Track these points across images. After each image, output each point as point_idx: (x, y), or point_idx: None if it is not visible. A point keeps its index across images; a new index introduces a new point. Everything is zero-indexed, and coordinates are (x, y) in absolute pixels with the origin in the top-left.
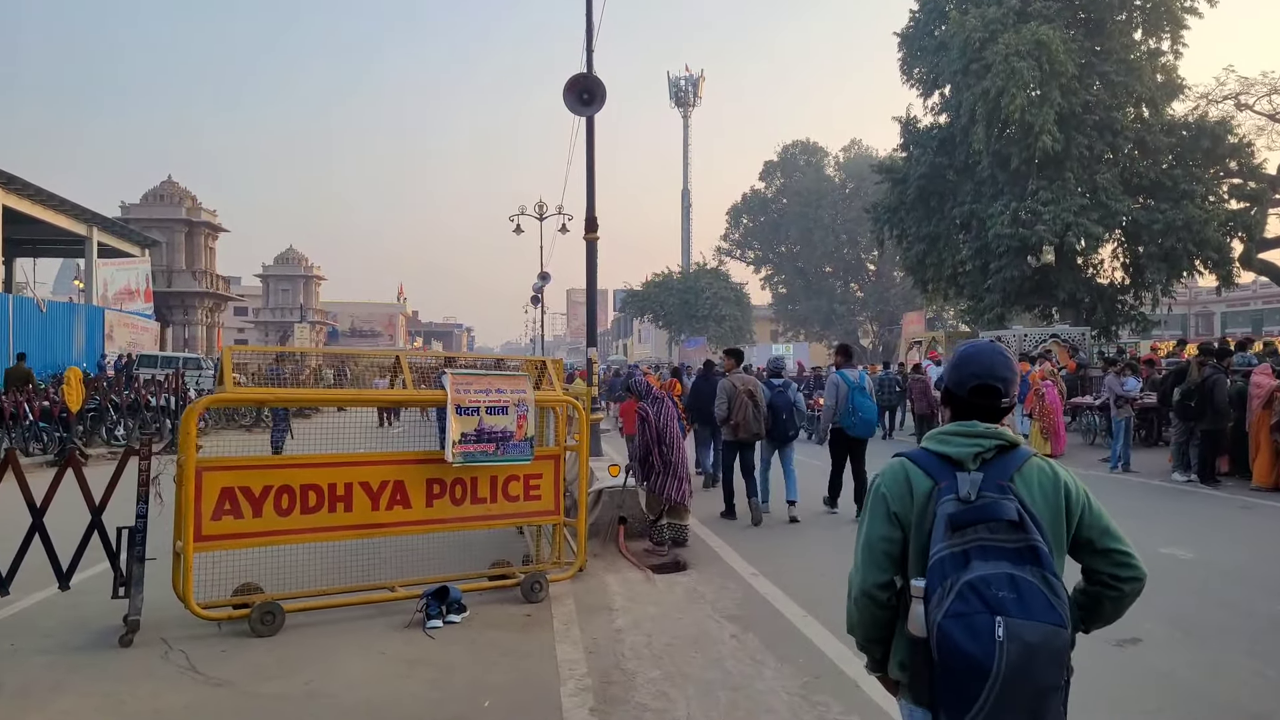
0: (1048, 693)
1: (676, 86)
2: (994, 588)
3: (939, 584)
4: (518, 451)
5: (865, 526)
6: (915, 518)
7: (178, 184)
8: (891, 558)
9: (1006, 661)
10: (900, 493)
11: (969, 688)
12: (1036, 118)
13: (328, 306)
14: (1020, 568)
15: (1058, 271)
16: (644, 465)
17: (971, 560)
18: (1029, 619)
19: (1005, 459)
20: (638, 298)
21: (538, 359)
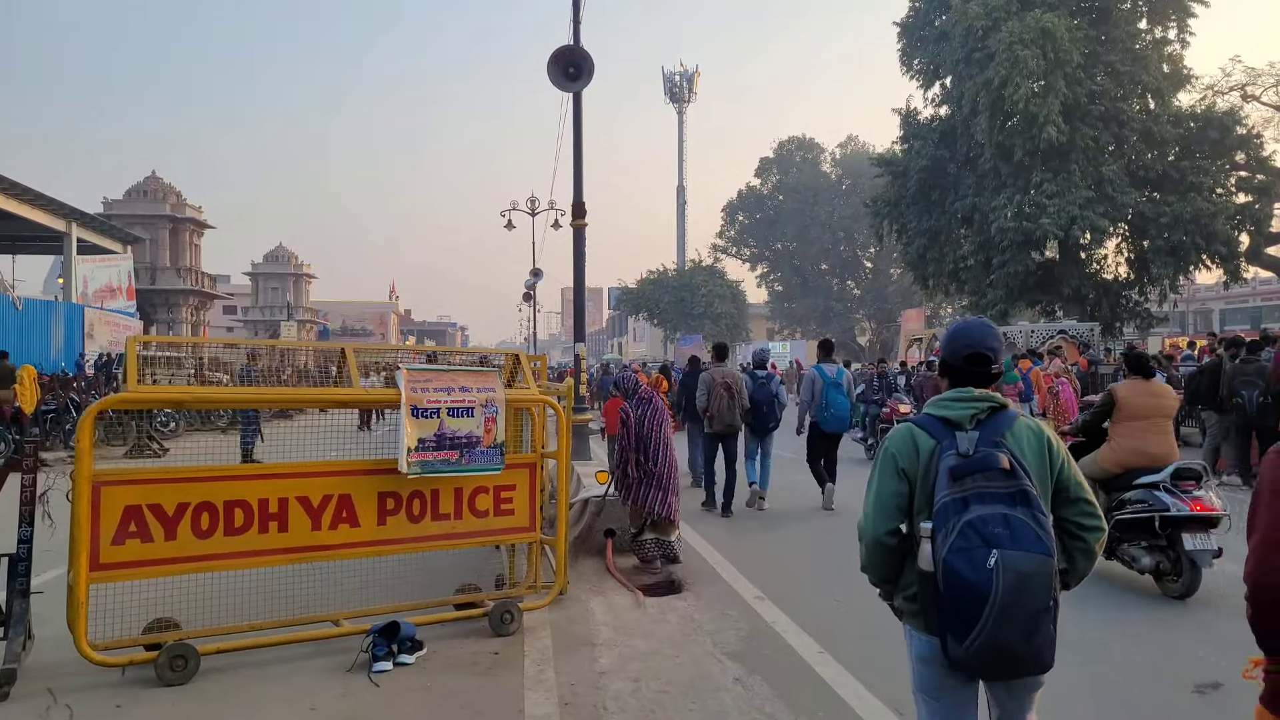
0: (1039, 614)
1: (671, 82)
2: (990, 526)
3: (943, 525)
4: (485, 459)
5: (876, 482)
6: (920, 473)
7: (162, 179)
8: (900, 509)
9: (1002, 587)
10: (907, 452)
11: (971, 611)
12: (1041, 108)
13: (318, 305)
14: (1013, 508)
15: (1062, 266)
16: (622, 474)
17: (970, 504)
18: (1021, 550)
19: (998, 419)
20: (632, 296)
21: (511, 352)
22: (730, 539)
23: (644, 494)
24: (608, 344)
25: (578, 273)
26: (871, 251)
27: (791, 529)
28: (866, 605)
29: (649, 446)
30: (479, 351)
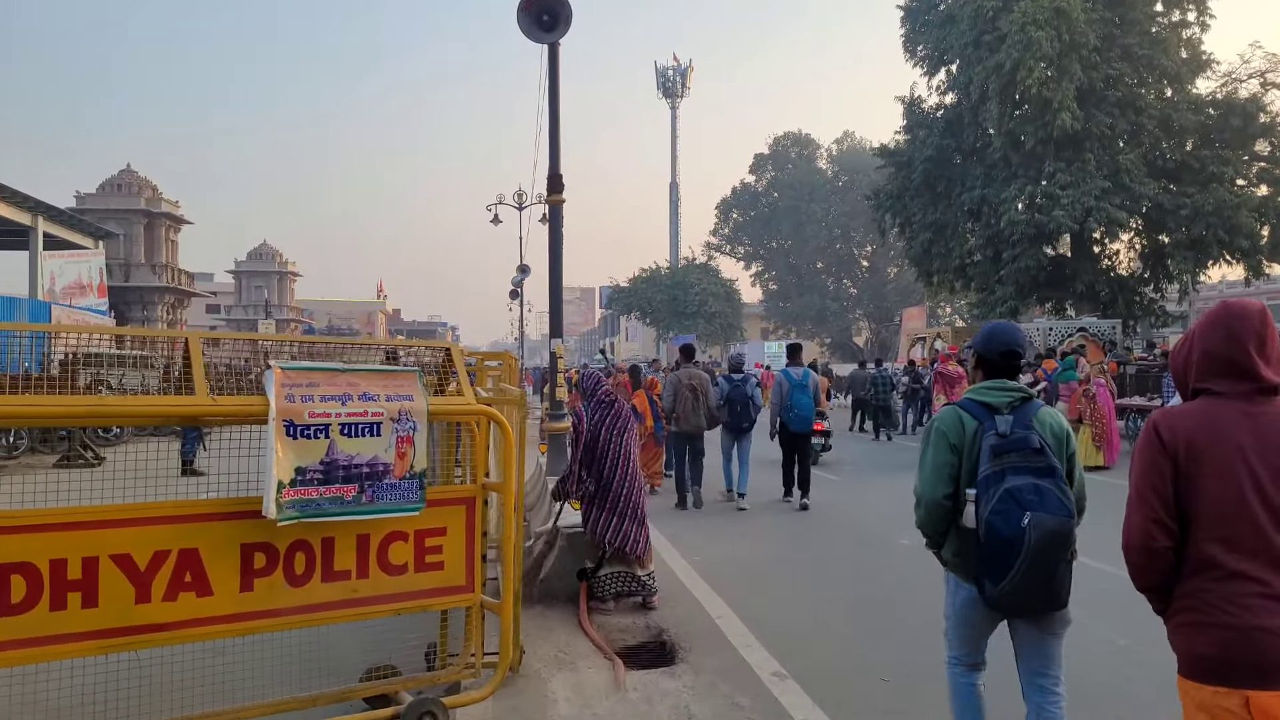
0: (1059, 563)
1: (664, 77)
2: (1024, 493)
3: (985, 492)
4: (399, 495)
5: (931, 455)
6: (966, 447)
7: (137, 173)
8: (952, 477)
9: (1032, 541)
10: (956, 429)
11: (1007, 560)
12: (1055, 93)
13: (304, 304)
14: (1041, 479)
15: (1075, 261)
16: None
17: (1007, 475)
18: (1048, 513)
19: (1027, 406)
20: (624, 294)
21: (442, 343)
22: (732, 572)
23: (597, 519)
24: (600, 344)
25: (553, 257)
26: (869, 250)
27: (802, 555)
28: (929, 689)
29: (603, 461)
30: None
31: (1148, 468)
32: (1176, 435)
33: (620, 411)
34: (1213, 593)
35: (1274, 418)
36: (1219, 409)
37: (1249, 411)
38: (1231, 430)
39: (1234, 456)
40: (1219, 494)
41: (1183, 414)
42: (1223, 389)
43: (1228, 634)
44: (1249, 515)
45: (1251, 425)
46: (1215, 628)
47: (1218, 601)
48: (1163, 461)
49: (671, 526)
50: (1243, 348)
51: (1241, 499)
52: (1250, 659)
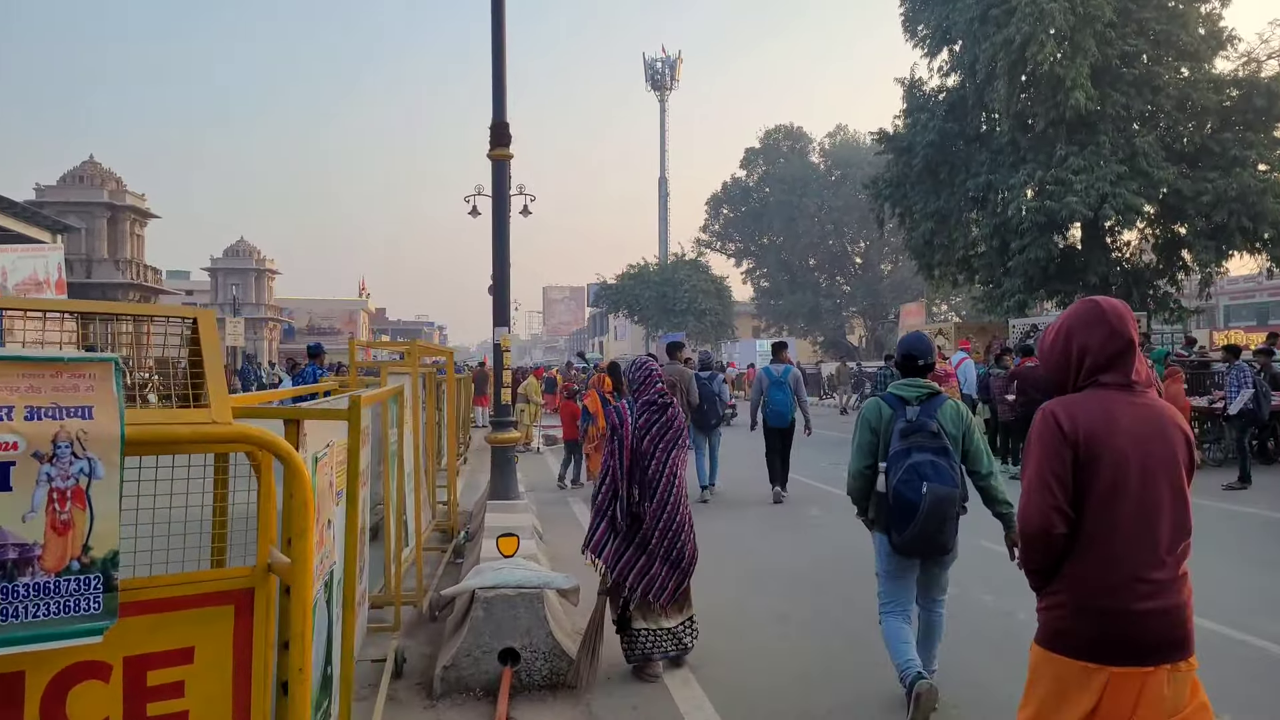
0: (947, 519)
1: (653, 69)
2: (923, 467)
3: (893, 465)
4: (53, 606)
5: (857, 435)
6: (883, 429)
7: (99, 164)
8: (872, 452)
9: (928, 503)
10: (876, 415)
11: (909, 517)
12: (1068, 70)
13: (283, 302)
14: (938, 457)
15: (1087, 252)
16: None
17: (911, 453)
18: (940, 483)
19: (933, 400)
20: (611, 291)
21: (186, 310)
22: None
23: (626, 560)
24: (589, 343)
25: (498, 226)
26: (862, 246)
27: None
28: None
29: (646, 479)
30: (100, 309)
31: (1049, 455)
32: (1077, 424)
33: (674, 420)
34: (1097, 575)
35: (1152, 409)
36: (1111, 400)
37: (1132, 403)
38: (1123, 421)
39: (1125, 446)
40: (1110, 481)
41: (1079, 404)
42: (1109, 381)
43: (1104, 615)
44: (1137, 501)
45: (1136, 416)
46: (1094, 609)
47: (1096, 583)
48: (1064, 450)
49: None
50: (1125, 344)
51: (1127, 486)
52: (1124, 639)
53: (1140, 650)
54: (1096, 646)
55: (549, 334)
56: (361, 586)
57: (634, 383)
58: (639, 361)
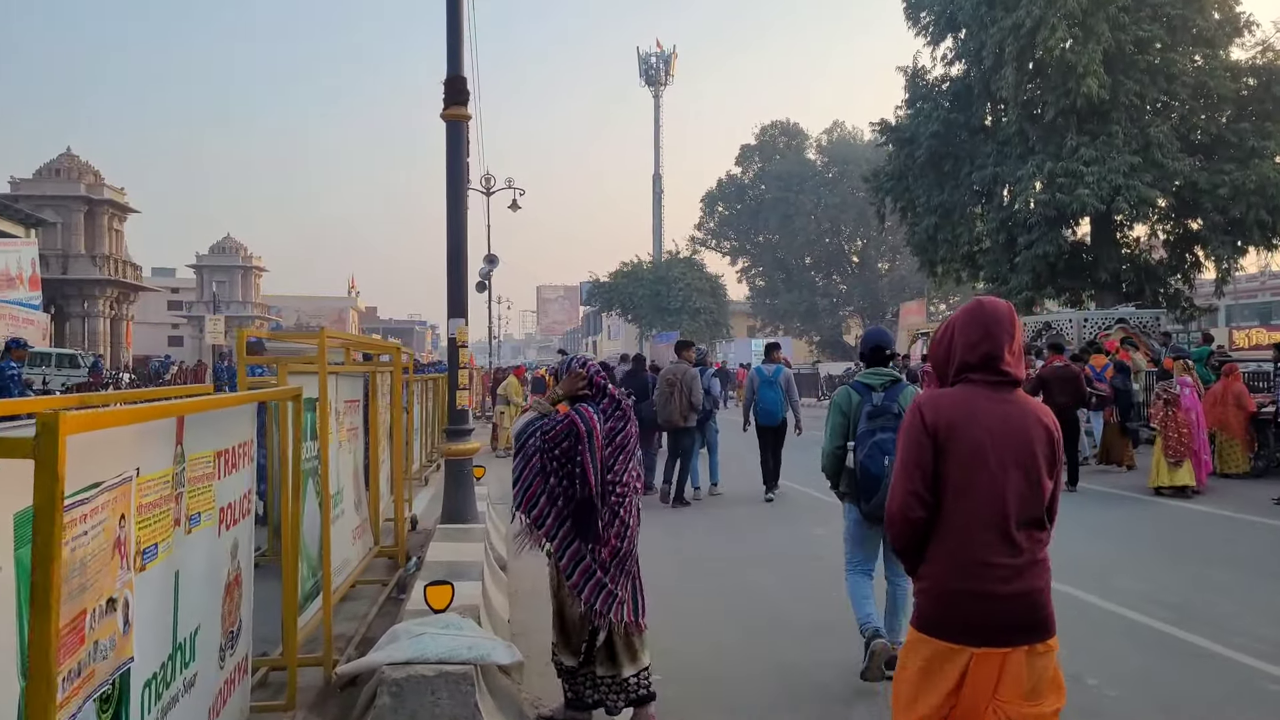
0: None
1: (647, 64)
2: (886, 444)
3: (861, 443)
4: None
5: (830, 419)
6: (852, 413)
7: (77, 157)
8: (843, 433)
9: (890, 474)
10: (846, 401)
11: (873, 487)
12: (1080, 56)
13: (270, 300)
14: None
15: (1097, 246)
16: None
17: (876, 432)
18: None
19: (895, 387)
20: (604, 290)
21: None
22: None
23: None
24: (582, 343)
25: (452, 198)
26: (860, 244)
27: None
28: None
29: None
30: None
31: (911, 445)
32: (938, 417)
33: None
34: (954, 559)
35: (1016, 405)
36: (974, 395)
37: (996, 399)
38: (982, 415)
39: (983, 438)
40: (967, 470)
41: (944, 398)
42: (977, 378)
43: (962, 597)
44: (990, 490)
45: (998, 411)
46: (953, 591)
47: (956, 567)
48: (925, 440)
49: None
50: (998, 343)
51: (985, 475)
52: (980, 620)
53: (998, 632)
54: (956, 628)
55: (543, 333)
56: (235, 656)
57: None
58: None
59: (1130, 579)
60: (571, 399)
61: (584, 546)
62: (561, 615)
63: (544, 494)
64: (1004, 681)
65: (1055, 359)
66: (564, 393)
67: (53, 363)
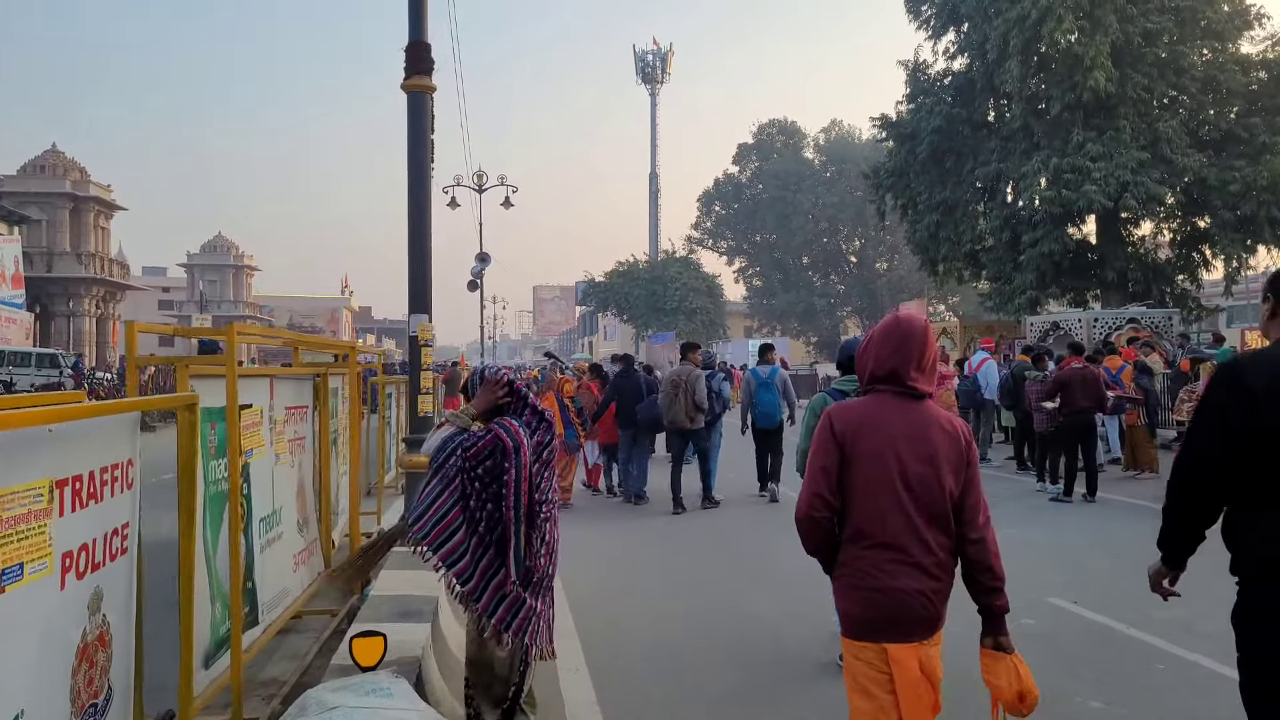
0: None
1: (643, 61)
2: None
3: None
4: None
5: (805, 421)
6: None
7: (63, 154)
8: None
9: None
10: (821, 405)
11: None
12: (1087, 48)
13: (262, 300)
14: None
15: (1104, 245)
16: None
17: None
18: None
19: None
20: (599, 289)
21: None
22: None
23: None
24: (578, 343)
25: (414, 180)
26: (857, 244)
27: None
28: None
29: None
30: None
31: (819, 451)
32: (845, 425)
33: (554, 434)
34: (863, 559)
35: (921, 414)
36: (880, 405)
37: (903, 409)
38: (887, 424)
39: (886, 446)
40: (872, 475)
41: (851, 408)
42: (885, 389)
43: (871, 595)
44: (894, 494)
45: (902, 419)
46: (862, 589)
47: (866, 567)
48: (832, 447)
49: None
50: (905, 359)
51: (889, 480)
52: (887, 615)
53: (904, 626)
54: (868, 625)
55: (539, 334)
56: None
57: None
58: (493, 367)
59: (1163, 604)
60: (491, 411)
61: (507, 577)
62: (484, 658)
63: (463, 524)
64: (925, 672)
65: (1074, 360)
66: (482, 405)
67: (33, 362)
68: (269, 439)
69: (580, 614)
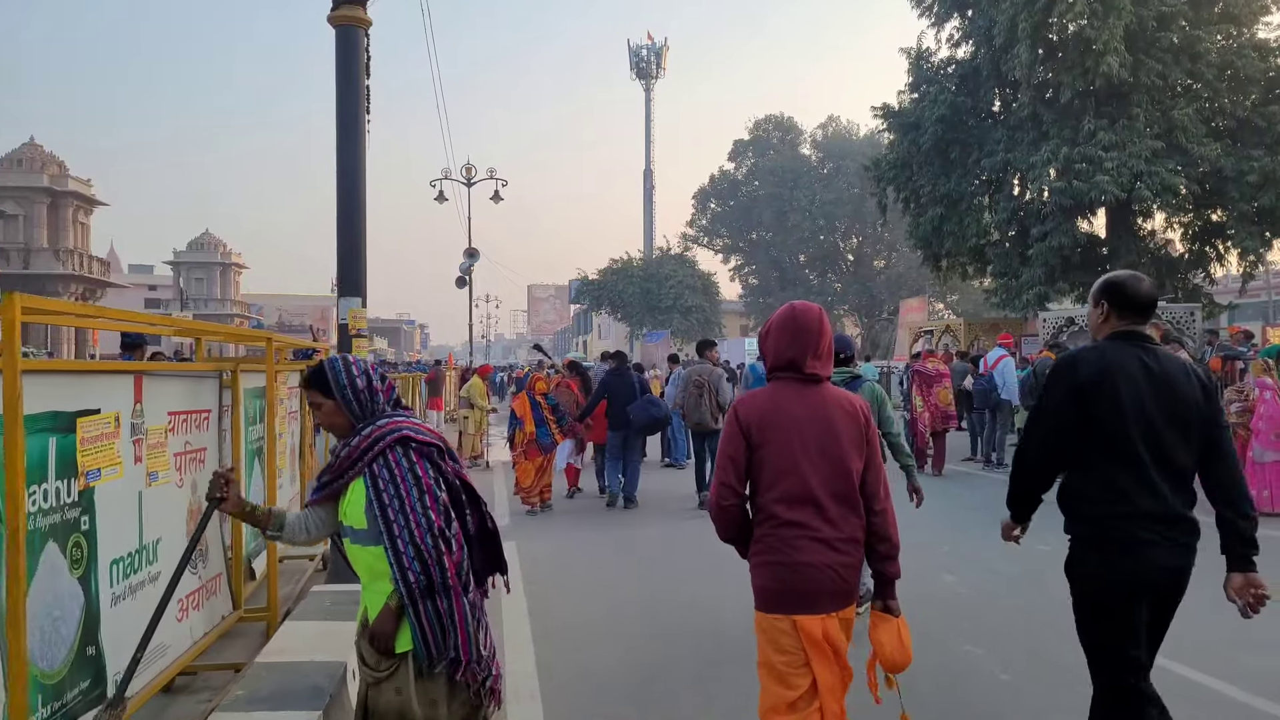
0: None
1: (638, 56)
2: None
3: None
4: None
5: None
6: None
7: (41, 147)
8: None
9: None
10: None
11: None
12: (1099, 32)
13: (250, 298)
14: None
15: (1114, 238)
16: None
17: None
18: None
19: (854, 382)
20: (593, 287)
21: None
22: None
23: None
24: (572, 342)
25: (344, 125)
26: (855, 241)
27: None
28: None
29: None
30: None
31: (727, 441)
32: (750, 415)
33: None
34: (773, 537)
35: (821, 398)
36: (782, 392)
37: (804, 394)
38: (790, 409)
39: (789, 429)
40: (777, 458)
41: (755, 398)
42: (785, 376)
43: (780, 569)
44: (799, 474)
45: (802, 404)
46: (773, 565)
47: (775, 544)
48: (738, 437)
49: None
50: (802, 349)
51: (794, 461)
52: (795, 588)
53: (812, 599)
54: (778, 598)
55: (533, 333)
56: None
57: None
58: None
59: (1249, 650)
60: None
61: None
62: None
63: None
64: (830, 644)
65: None
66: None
67: None
68: (130, 454)
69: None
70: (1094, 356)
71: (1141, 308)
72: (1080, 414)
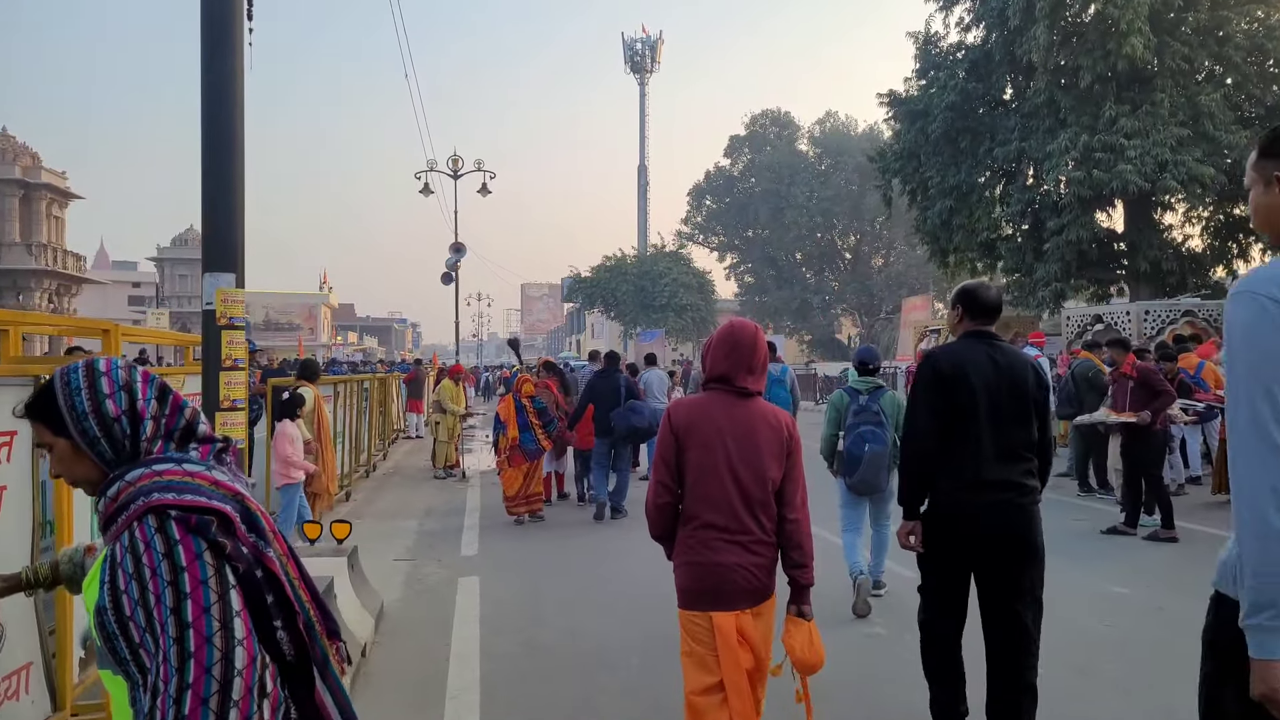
0: (881, 468)
1: (632, 50)
2: (866, 435)
3: (848, 433)
4: None
5: (828, 414)
6: (843, 410)
7: (13, 138)
8: (836, 424)
9: (868, 457)
10: (840, 401)
11: (855, 467)
12: (1122, 12)
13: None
14: (876, 428)
15: (1132, 233)
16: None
17: (859, 425)
18: (876, 445)
19: (878, 392)
20: (586, 285)
21: None
22: None
23: None
24: (565, 341)
25: (210, 52)
26: (853, 239)
27: None
28: None
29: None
30: None
31: (661, 444)
32: (680, 419)
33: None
34: (694, 538)
35: (748, 411)
36: (713, 402)
37: (732, 406)
38: (718, 418)
39: (715, 438)
40: (700, 463)
41: (688, 404)
42: (718, 388)
43: (699, 569)
44: (719, 478)
45: (731, 416)
46: (692, 565)
47: (695, 545)
48: (670, 439)
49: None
50: (736, 364)
51: (715, 467)
52: (710, 587)
53: (726, 596)
54: (695, 596)
55: (527, 332)
56: None
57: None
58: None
59: None
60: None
61: None
62: None
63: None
64: (745, 639)
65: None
66: None
67: None
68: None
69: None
70: (951, 352)
71: (989, 311)
72: (944, 401)
